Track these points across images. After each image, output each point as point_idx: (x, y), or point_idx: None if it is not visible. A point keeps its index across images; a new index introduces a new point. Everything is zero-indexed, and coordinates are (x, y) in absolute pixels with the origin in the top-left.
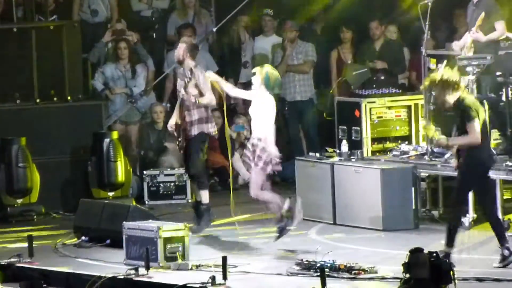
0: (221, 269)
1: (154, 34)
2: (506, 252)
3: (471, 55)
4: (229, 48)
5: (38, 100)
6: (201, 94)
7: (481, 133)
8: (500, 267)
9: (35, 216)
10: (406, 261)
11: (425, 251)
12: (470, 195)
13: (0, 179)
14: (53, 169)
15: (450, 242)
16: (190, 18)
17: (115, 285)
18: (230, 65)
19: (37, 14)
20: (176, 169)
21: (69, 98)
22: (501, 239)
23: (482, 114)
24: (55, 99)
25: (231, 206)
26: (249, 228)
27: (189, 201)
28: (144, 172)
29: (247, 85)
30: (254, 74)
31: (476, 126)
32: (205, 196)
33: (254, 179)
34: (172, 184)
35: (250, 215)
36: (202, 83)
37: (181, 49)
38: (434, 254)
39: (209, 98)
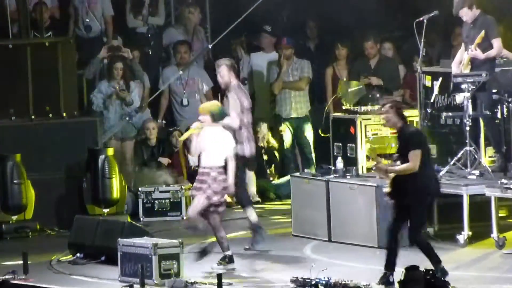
0: (216, 286)
1: (149, 51)
2: None
3: (467, 72)
4: None
5: (33, 117)
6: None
7: (423, 161)
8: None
9: (30, 233)
10: (402, 278)
11: (420, 268)
12: (466, 212)
13: None
14: (48, 185)
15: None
16: (188, 35)
17: None
18: None
19: (33, 31)
20: (171, 185)
21: (64, 114)
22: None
23: (426, 142)
24: (50, 115)
25: None
26: (244, 245)
27: (184, 217)
28: (139, 188)
29: None
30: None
31: (418, 154)
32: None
33: (196, 204)
34: (167, 200)
35: (244, 232)
36: (232, 104)
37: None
38: (430, 272)
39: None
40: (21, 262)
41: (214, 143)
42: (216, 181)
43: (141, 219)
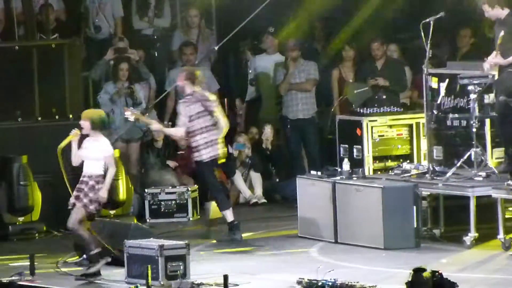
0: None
1: (156, 53)
2: None
3: (477, 73)
4: (235, 66)
5: (39, 118)
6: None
7: None
8: None
9: (36, 234)
10: (409, 280)
11: (428, 269)
12: (472, 214)
13: (1, 198)
14: (54, 187)
15: None
16: (194, 36)
17: None
18: (236, 82)
19: (39, 33)
20: (177, 187)
21: (70, 116)
22: None
23: None
24: (56, 117)
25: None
26: (250, 246)
27: (190, 219)
28: (146, 190)
29: (252, 102)
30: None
31: None
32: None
33: (74, 213)
34: (173, 202)
35: (251, 233)
36: (179, 113)
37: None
38: (437, 273)
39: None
40: (27, 263)
41: (92, 151)
42: (94, 189)
43: (147, 220)
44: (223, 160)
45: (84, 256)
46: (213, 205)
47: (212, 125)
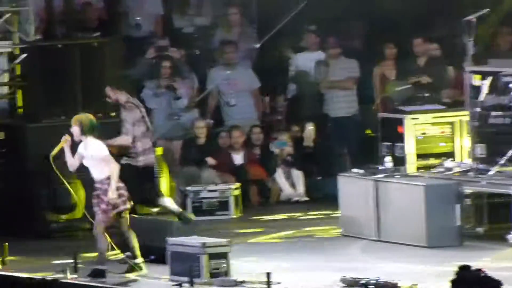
0: (265, 285)
1: (196, 51)
2: None
3: None
4: (276, 64)
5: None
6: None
7: None
8: None
9: (79, 232)
10: (454, 277)
11: (473, 267)
12: None
13: (45, 196)
14: None
15: None
16: (235, 35)
17: None
18: (277, 80)
19: (80, 31)
20: (219, 185)
21: (112, 114)
22: None
23: None
24: (99, 115)
25: None
26: (293, 244)
27: (232, 217)
28: (188, 188)
29: (293, 100)
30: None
31: None
32: None
33: (96, 220)
34: (215, 200)
35: (293, 231)
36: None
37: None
38: (482, 271)
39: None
40: (71, 261)
41: (91, 156)
42: (108, 193)
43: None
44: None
45: (127, 253)
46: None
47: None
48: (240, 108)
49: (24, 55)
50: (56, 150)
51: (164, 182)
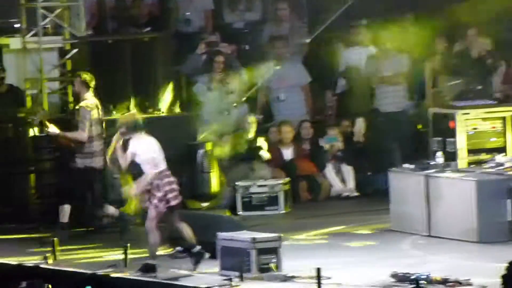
0: (315, 281)
1: (246, 46)
2: None
3: None
4: (327, 59)
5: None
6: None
7: None
8: None
9: (130, 227)
10: (505, 273)
11: None
12: None
13: (96, 191)
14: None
15: None
16: (285, 30)
17: None
18: (327, 75)
19: (131, 27)
20: (268, 180)
21: (163, 109)
22: None
23: None
24: (149, 110)
25: None
26: (342, 240)
27: (282, 212)
28: (237, 183)
29: (343, 95)
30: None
31: None
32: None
33: (150, 214)
34: (264, 195)
35: (343, 226)
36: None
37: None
38: None
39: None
40: (121, 255)
41: (141, 153)
42: (159, 188)
43: (239, 213)
44: None
45: (177, 248)
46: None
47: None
48: (290, 103)
49: (75, 50)
50: (110, 150)
51: (214, 178)
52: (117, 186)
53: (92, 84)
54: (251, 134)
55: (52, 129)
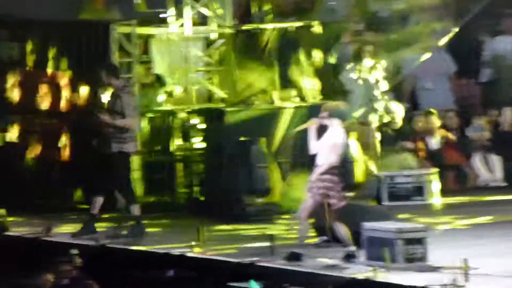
0: (462, 271)
1: (392, 35)
2: None
3: None
4: (470, 48)
5: (277, 102)
6: (123, 116)
7: None
8: None
9: (274, 215)
10: None
11: None
12: None
13: (242, 179)
14: (292, 169)
15: None
16: (430, 17)
17: (353, 286)
18: (474, 64)
19: (277, 16)
20: (415, 170)
21: (308, 99)
22: None
23: None
24: (295, 99)
25: None
26: (490, 230)
27: (427, 202)
28: (383, 173)
29: (490, 84)
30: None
31: None
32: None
33: (305, 202)
34: (410, 185)
35: (490, 216)
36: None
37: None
38: None
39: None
40: (267, 244)
41: (325, 140)
42: (332, 181)
43: (385, 203)
44: None
45: (322, 237)
46: None
47: None
48: (436, 92)
49: (221, 40)
50: (302, 127)
51: (359, 167)
52: (261, 175)
53: (119, 71)
54: (397, 123)
55: (105, 117)
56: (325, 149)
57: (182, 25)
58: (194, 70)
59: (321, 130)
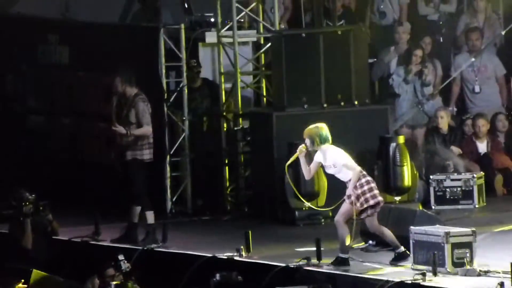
0: (509, 275)
1: (441, 38)
2: None
3: None
4: None
5: (325, 105)
6: (138, 125)
7: None
8: None
9: (322, 220)
10: None
11: None
12: None
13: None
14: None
15: None
16: (480, 21)
17: None
18: None
19: (325, 19)
20: (463, 174)
21: (355, 102)
22: None
23: None
24: (342, 103)
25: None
26: None
27: (476, 206)
28: (431, 176)
29: None
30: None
31: None
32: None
33: (342, 207)
34: (459, 189)
35: None
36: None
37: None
38: None
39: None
40: (314, 248)
41: (332, 165)
42: (359, 186)
43: (433, 207)
44: None
45: (370, 242)
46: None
47: None
48: (485, 95)
49: (269, 44)
50: (291, 159)
51: (407, 171)
52: (309, 180)
53: (134, 79)
54: (444, 128)
55: (119, 128)
56: (331, 170)
57: (230, 29)
58: (242, 74)
59: None
